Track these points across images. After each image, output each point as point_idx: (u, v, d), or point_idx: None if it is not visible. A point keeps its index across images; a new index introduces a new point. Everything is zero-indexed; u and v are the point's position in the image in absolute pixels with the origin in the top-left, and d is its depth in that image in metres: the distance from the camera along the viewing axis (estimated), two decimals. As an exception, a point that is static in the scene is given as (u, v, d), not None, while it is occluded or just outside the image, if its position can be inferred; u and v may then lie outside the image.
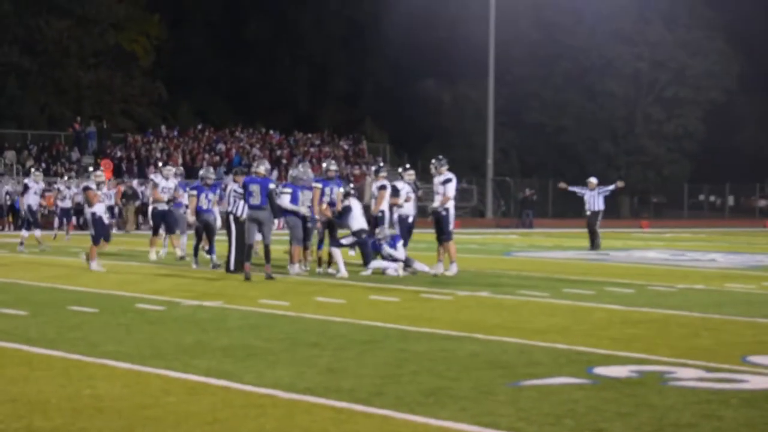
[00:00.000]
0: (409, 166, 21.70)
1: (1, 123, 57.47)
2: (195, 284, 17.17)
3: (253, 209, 18.29)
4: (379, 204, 19.95)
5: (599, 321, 12.65)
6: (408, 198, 20.07)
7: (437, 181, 19.86)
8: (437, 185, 19.87)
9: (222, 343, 10.32)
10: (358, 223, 19.33)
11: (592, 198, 29.47)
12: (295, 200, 19.22)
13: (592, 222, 29.28)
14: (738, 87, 73.35)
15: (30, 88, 62.50)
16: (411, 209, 20.25)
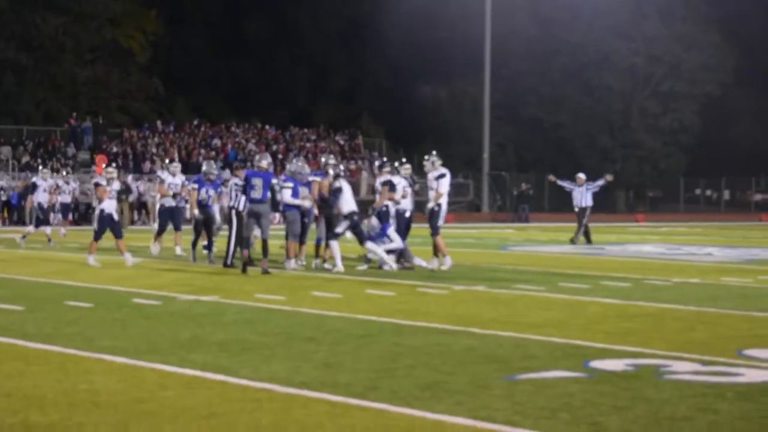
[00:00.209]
0: (406, 161, 21.72)
1: (-2, 119, 57.48)
2: (191, 279, 17.18)
3: (254, 203, 18.32)
4: (383, 199, 20.00)
5: (595, 315, 12.66)
6: (405, 194, 20.10)
7: (431, 177, 19.95)
8: (431, 180, 19.96)
9: (218, 338, 10.32)
10: (349, 206, 19.28)
11: (580, 194, 29.42)
12: (296, 195, 19.24)
13: (581, 218, 29.25)
14: (733, 81, 73.29)
15: (26, 84, 62.41)
16: (408, 204, 20.28)
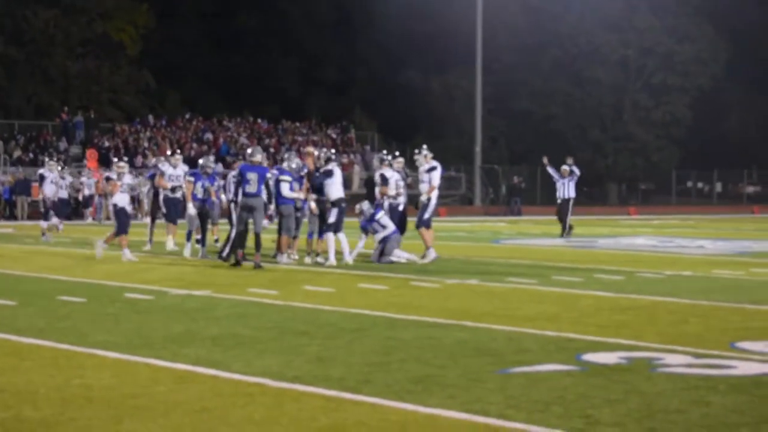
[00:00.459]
0: (399, 154, 21.78)
1: (-12, 113, 57.38)
2: (184, 273, 17.16)
3: (249, 197, 18.32)
4: (382, 193, 20.19)
5: (588, 308, 12.67)
6: (399, 192, 20.21)
7: (422, 170, 20.15)
8: (422, 173, 20.16)
9: (211, 332, 10.31)
10: (337, 192, 19.29)
11: (563, 186, 29.34)
12: (293, 189, 19.28)
13: (564, 209, 29.13)
14: (725, 73, 73.37)
15: (17, 78, 62.24)
16: (401, 197, 20.40)
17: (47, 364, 8.51)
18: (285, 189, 19.11)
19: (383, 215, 19.71)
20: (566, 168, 29.49)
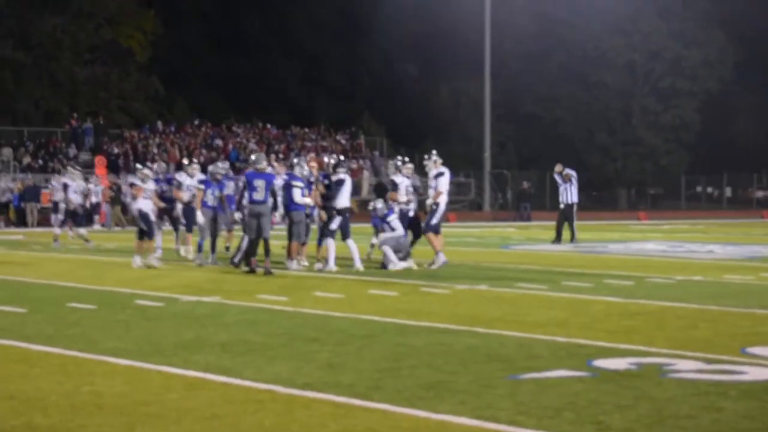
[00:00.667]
0: (408, 160, 21.83)
1: (-3, 119, 57.42)
2: (194, 280, 17.17)
3: (256, 204, 18.36)
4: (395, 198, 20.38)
5: (598, 313, 12.66)
6: (410, 198, 20.36)
7: (431, 175, 20.37)
8: (431, 179, 20.40)
9: (221, 339, 10.31)
10: (345, 201, 19.34)
11: (566, 191, 29.20)
12: (303, 194, 19.33)
13: (569, 215, 28.95)
14: (734, 77, 73.21)
15: (25, 83, 62.31)
16: (411, 203, 20.57)
17: (57, 372, 8.52)
18: (297, 195, 19.10)
19: (395, 218, 19.81)
20: (569, 172, 29.33)
